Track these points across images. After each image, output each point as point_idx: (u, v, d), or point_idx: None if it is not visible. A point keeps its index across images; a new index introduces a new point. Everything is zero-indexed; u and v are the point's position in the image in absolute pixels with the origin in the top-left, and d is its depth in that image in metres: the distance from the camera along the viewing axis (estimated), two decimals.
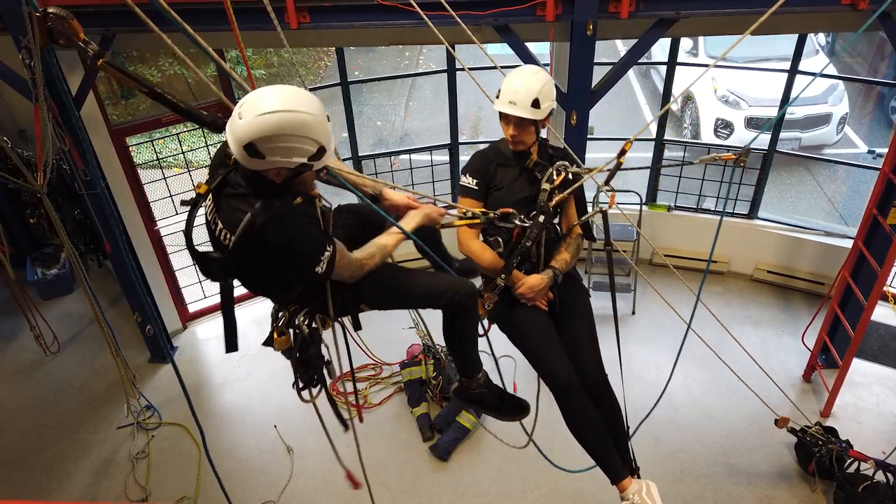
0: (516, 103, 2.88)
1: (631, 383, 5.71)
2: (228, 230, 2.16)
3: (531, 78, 2.90)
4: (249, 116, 1.98)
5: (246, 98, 2.03)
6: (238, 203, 2.15)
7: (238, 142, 2.00)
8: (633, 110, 11.25)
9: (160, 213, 6.64)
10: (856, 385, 5.86)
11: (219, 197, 2.20)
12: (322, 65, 13.43)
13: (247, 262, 2.24)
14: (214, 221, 2.22)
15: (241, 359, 6.57)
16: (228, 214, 2.17)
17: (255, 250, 2.16)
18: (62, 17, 1.91)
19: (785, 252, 7.00)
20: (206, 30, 4.64)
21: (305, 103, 2.03)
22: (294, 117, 1.99)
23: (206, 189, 2.20)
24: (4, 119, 6.93)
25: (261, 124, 1.97)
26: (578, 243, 3.25)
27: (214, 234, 2.24)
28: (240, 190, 2.16)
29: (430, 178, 7.36)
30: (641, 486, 2.91)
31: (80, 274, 5.43)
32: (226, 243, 2.18)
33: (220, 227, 2.19)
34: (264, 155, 2.01)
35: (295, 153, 2.04)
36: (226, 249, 2.18)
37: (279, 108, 1.98)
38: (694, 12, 4.55)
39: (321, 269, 2.24)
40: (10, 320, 7.05)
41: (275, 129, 1.98)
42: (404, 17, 4.31)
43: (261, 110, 1.97)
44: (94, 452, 5.77)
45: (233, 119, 2.04)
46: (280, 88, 2.05)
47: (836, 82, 9.50)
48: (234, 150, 2.03)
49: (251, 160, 2.03)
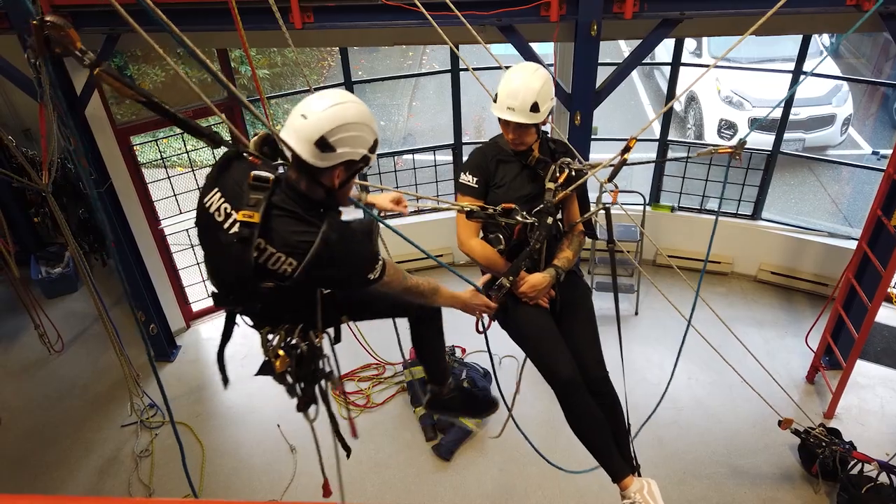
0: (515, 109, 2.83)
1: (634, 384, 5.72)
2: (289, 255, 2.10)
3: (529, 79, 2.85)
4: (316, 112, 2.05)
5: (302, 103, 2.10)
6: (296, 225, 2.11)
7: (308, 140, 2.05)
8: (637, 111, 11.24)
9: (164, 213, 6.66)
10: (859, 387, 5.84)
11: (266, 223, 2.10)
12: (325, 65, 13.44)
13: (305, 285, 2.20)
14: (259, 249, 2.11)
15: (245, 358, 6.55)
16: (287, 239, 2.11)
17: (323, 268, 2.14)
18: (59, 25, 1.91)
19: (789, 253, 6.99)
20: (210, 29, 4.71)
21: (355, 97, 2.16)
22: (354, 107, 2.11)
23: (259, 216, 2.07)
24: (9, 118, 6.95)
25: (331, 116, 2.05)
26: (580, 240, 3.23)
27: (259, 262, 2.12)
28: (294, 213, 2.12)
29: (433, 179, 7.36)
30: (643, 485, 2.91)
31: (85, 272, 5.45)
32: (282, 268, 2.12)
33: (272, 252, 2.11)
34: (335, 147, 2.07)
35: (360, 142, 2.12)
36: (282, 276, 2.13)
37: (342, 100, 2.10)
38: (698, 13, 4.54)
39: (374, 276, 2.29)
40: (14, 319, 7.07)
41: (342, 118, 2.06)
42: (409, 17, 4.31)
43: (325, 105, 2.07)
44: (97, 451, 5.79)
45: (294, 123, 2.08)
46: (330, 90, 2.18)
47: (841, 83, 9.49)
48: (304, 150, 2.05)
49: (323, 156, 2.06)
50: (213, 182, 2.22)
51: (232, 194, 2.15)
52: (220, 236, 2.14)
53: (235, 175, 2.17)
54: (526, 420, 5.76)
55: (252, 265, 2.09)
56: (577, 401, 2.94)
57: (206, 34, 4.97)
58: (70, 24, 1.94)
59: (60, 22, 1.91)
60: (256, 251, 2.10)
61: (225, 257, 2.15)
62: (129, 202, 6.07)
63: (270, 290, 2.17)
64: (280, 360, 2.48)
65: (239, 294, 2.26)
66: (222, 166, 2.23)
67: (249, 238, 2.07)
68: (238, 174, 2.16)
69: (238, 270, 2.12)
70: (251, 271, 2.10)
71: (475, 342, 6.15)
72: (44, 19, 1.90)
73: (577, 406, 2.95)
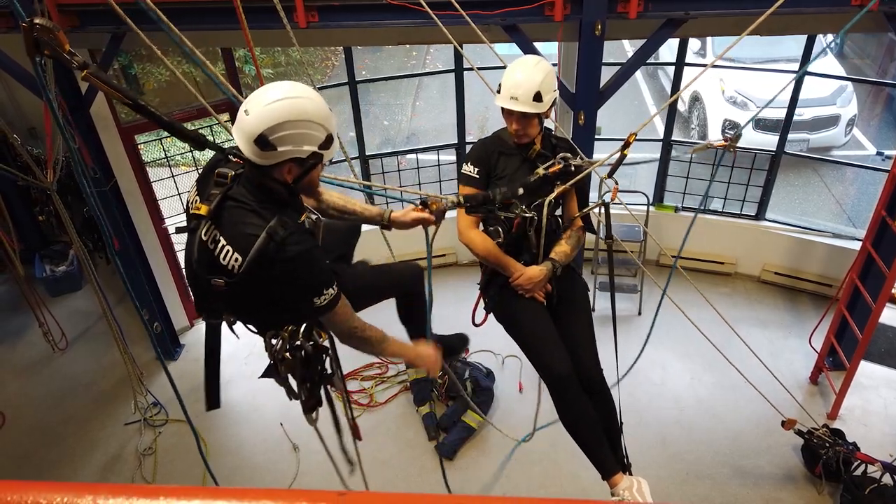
0: (518, 98, 2.86)
1: (637, 384, 5.74)
2: (235, 249, 2.08)
3: (532, 70, 2.89)
4: (256, 109, 2.00)
5: (248, 98, 2.05)
6: (248, 217, 2.08)
7: (248, 137, 2.00)
8: (641, 110, 11.23)
9: (168, 212, 6.68)
10: (863, 387, 5.83)
11: (219, 214, 2.11)
12: (329, 64, 13.46)
13: (255, 285, 2.12)
14: (214, 241, 2.11)
15: (248, 357, 6.59)
16: (235, 230, 2.09)
17: (269, 267, 2.07)
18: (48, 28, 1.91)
19: (792, 254, 6.98)
20: (216, 28, 4.72)
21: (308, 91, 2.07)
22: (299, 102, 2.02)
23: (208, 209, 2.09)
24: (14, 116, 6.97)
25: (269, 113, 1.98)
26: (579, 235, 3.24)
27: (213, 255, 2.11)
28: (247, 204, 2.10)
29: (436, 178, 7.37)
30: (632, 483, 2.91)
31: (89, 271, 5.46)
32: (230, 264, 2.09)
33: (223, 245, 2.09)
34: (276, 146, 2.00)
35: (305, 140, 2.05)
36: (230, 272, 2.09)
37: (284, 96, 2.01)
38: (703, 13, 4.53)
39: (321, 302, 2.17)
40: (18, 317, 7.09)
41: (283, 115, 1.98)
42: (413, 17, 4.31)
43: (267, 101, 2.00)
44: (101, 448, 5.81)
45: (239, 118, 2.04)
46: (280, 82, 2.09)
47: (845, 84, 9.46)
48: (245, 147, 2.03)
49: (264, 154, 2.01)
50: (197, 180, 2.25)
51: (200, 190, 2.18)
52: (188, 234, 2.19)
53: (208, 177, 2.20)
54: (529, 420, 5.77)
55: (198, 257, 2.11)
56: (570, 396, 2.94)
57: (211, 33, 4.99)
58: (59, 27, 1.94)
59: (49, 25, 1.90)
60: (211, 243, 2.11)
61: (187, 253, 2.19)
62: (134, 201, 6.10)
63: (222, 288, 2.12)
64: (286, 364, 2.45)
65: (196, 291, 2.26)
66: (207, 171, 2.23)
67: (195, 228, 2.11)
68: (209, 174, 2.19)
69: (189, 262, 2.15)
70: (198, 263, 2.12)
71: (478, 342, 6.18)
72: (33, 22, 1.89)
73: (570, 402, 2.96)
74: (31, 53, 1.92)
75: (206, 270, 2.13)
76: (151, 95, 10.04)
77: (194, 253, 2.13)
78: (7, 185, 6.91)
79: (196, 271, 2.15)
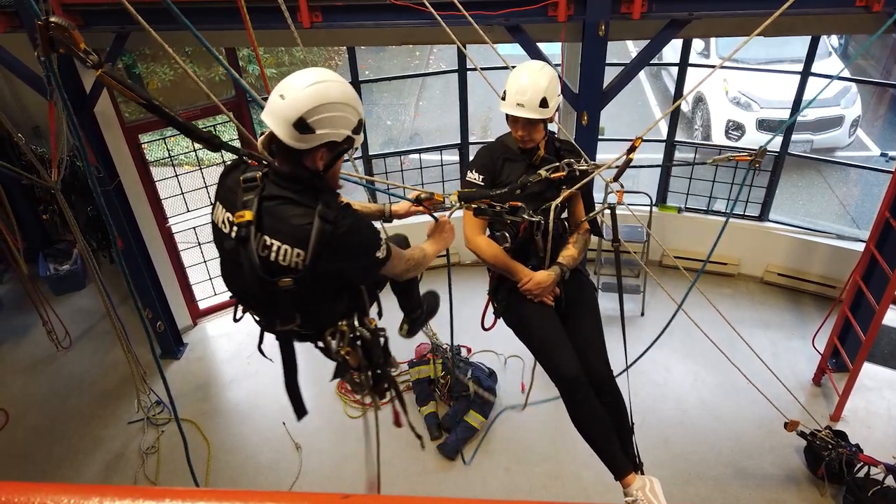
0: (524, 105, 2.86)
1: (639, 384, 5.74)
2: (294, 244, 2.05)
3: (537, 76, 2.88)
4: (293, 92, 1.99)
5: (282, 83, 2.04)
6: (292, 210, 2.05)
7: (286, 121, 1.99)
8: (644, 111, 11.22)
9: (172, 211, 6.69)
10: (866, 389, 5.82)
11: (259, 216, 2.06)
12: (333, 64, 13.46)
13: (321, 272, 2.10)
14: (265, 247, 2.07)
15: (251, 356, 6.60)
16: (284, 227, 2.05)
17: (331, 248, 2.06)
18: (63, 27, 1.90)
19: (796, 255, 6.97)
20: (220, 28, 4.73)
21: (338, 76, 2.10)
22: (335, 85, 2.04)
23: (253, 215, 2.04)
24: (19, 115, 6.99)
25: (309, 95, 1.98)
26: (586, 239, 3.24)
27: (269, 260, 2.08)
28: (286, 198, 2.07)
29: (439, 178, 7.37)
30: (645, 483, 2.90)
31: (93, 269, 5.48)
32: (292, 261, 2.06)
33: (277, 245, 2.06)
34: (314, 129, 2.00)
35: (341, 123, 2.06)
36: (295, 269, 2.07)
37: (321, 79, 2.02)
38: (706, 13, 4.54)
39: (383, 254, 2.24)
40: (22, 315, 7.11)
41: (322, 97, 2.00)
42: (416, 17, 4.32)
43: (304, 84, 2.00)
44: (104, 447, 5.82)
45: (273, 103, 2.02)
46: (311, 69, 2.09)
47: (850, 85, 9.44)
48: (282, 131, 2.00)
49: (302, 137, 2.00)
50: (217, 196, 2.21)
51: (229, 203, 2.14)
52: (227, 245, 2.12)
53: (230, 183, 2.16)
54: (533, 418, 5.78)
55: (259, 264, 2.05)
56: (581, 398, 2.95)
57: (215, 33, 4.99)
58: (74, 25, 1.94)
59: (65, 23, 1.90)
60: (263, 249, 2.07)
61: (237, 267, 2.12)
62: (138, 200, 6.11)
63: (290, 288, 2.08)
64: (352, 356, 2.45)
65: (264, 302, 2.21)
66: (226, 183, 2.20)
67: (247, 237, 2.05)
68: (232, 181, 2.15)
69: (251, 274, 2.07)
70: (261, 270, 2.06)
71: (481, 342, 6.19)
72: (48, 20, 1.89)
73: (581, 403, 2.96)
74: (47, 52, 1.92)
75: (272, 275, 2.08)
76: (155, 95, 9.99)
77: (254, 261, 2.06)
78: (11, 183, 6.93)
79: (259, 279, 2.08)
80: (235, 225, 2.07)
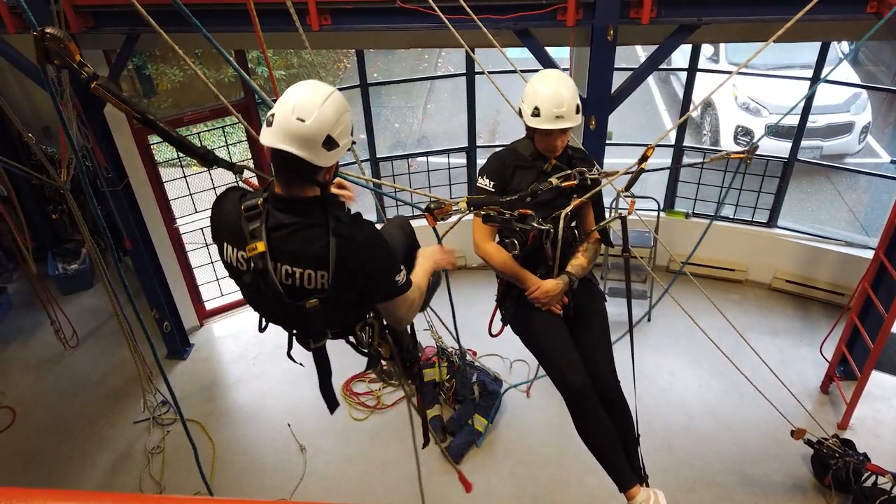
0: (564, 116, 2.87)
1: (644, 390, 5.71)
2: (317, 269, 2.06)
3: (565, 83, 2.90)
4: (314, 112, 1.96)
5: (288, 105, 1.97)
6: (305, 233, 2.06)
7: (314, 142, 1.96)
8: (653, 116, 11.20)
9: (180, 212, 6.72)
10: (874, 398, 5.78)
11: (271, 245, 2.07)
12: (342, 66, 13.51)
13: (345, 288, 2.12)
14: (288, 275, 2.09)
15: (257, 357, 6.62)
16: (304, 254, 2.06)
17: (351, 264, 2.08)
18: (59, 38, 1.89)
19: (804, 261, 6.93)
20: (230, 31, 4.75)
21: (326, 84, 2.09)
22: (339, 94, 2.06)
23: (264, 245, 2.04)
24: (29, 115, 7.04)
25: (330, 111, 1.99)
26: (595, 248, 3.23)
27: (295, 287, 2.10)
28: (297, 224, 2.06)
29: (446, 181, 7.37)
30: (650, 496, 2.89)
31: (100, 269, 5.51)
32: (318, 284, 2.09)
33: (300, 273, 2.08)
34: (339, 142, 2.02)
35: (349, 129, 2.09)
36: (321, 290, 2.09)
37: (328, 91, 2.02)
38: (716, 19, 4.52)
39: (402, 279, 2.22)
40: (30, 314, 7.15)
41: (340, 109, 2.02)
42: (425, 20, 4.32)
43: (320, 100, 1.99)
44: (110, 447, 5.84)
45: (292, 127, 1.95)
46: (302, 84, 2.07)
47: (860, 91, 9.39)
48: (310, 153, 1.96)
49: (330, 154, 2.01)
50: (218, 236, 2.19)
51: (235, 237, 2.12)
52: (246, 279, 2.13)
53: (230, 217, 2.13)
54: (537, 425, 5.77)
55: (282, 292, 2.09)
56: (587, 408, 2.93)
57: (225, 35, 5.01)
58: (70, 36, 1.94)
59: (60, 34, 1.88)
60: (286, 277, 2.09)
61: (263, 296, 2.15)
62: (146, 201, 6.14)
63: (317, 307, 2.11)
64: (384, 348, 2.53)
65: (297, 323, 2.25)
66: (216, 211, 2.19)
67: (265, 269, 2.06)
68: (231, 215, 2.12)
69: (279, 302, 2.11)
70: (288, 297, 2.09)
71: (487, 346, 6.18)
72: (44, 31, 1.87)
73: (587, 413, 2.94)
74: (42, 63, 1.91)
75: (297, 299, 2.11)
76: (164, 96, 10.11)
77: (277, 290, 2.08)
78: (21, 183, 6.98)
79: (287, 305, 2.12)
80: (249, 259, 2.07)
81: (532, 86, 2.94)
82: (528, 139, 3.09)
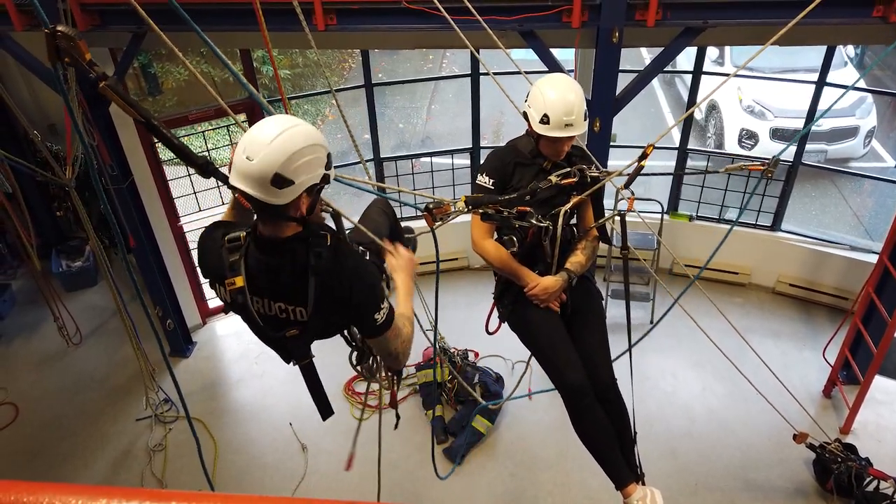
0: (573, 124, 2.87)
1: (647, 393, 5.71)
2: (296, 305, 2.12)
3: (574, 90, 2.90)
4: (261, 150, 1.91)
5: (244, 143, 1.95)
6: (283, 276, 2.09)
7: (262, 180, 1.91)
8: (657, 118, 11.18)
9: (184, 210, 6.73)
10: (877, 402, 5.76)
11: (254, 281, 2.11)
12: (346, 66, 13.52)
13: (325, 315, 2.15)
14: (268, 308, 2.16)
15: (259, 356, 6.63)
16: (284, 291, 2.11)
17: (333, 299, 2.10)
18: (70, 36, 1.88)
19: (808, 265, 6.91)
20: (235, 30, 4.76)
21: (293, 118, 2.03)
22: (297, 130, 1.96)
23: (243, 280, 2.09)
24: (35, 113, 7.06)
25: (278, 149, 1.90)
26: (594, 246, 3.24)
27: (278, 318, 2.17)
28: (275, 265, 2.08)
29: (450, 182, 7.38)
30: (646, 494, 2.90)
31: (104, 267, 5.52)
32: (298, 318, 2.14)
33: (283, 307, 2.14)
34: (293, 179, 1.93)
35: (316, 165, 2.00)
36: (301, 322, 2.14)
37: (284, 128, 1.93)
38: (721, 21, 4.51)
39: (381, 317, 2.18)
40: (34, 311, 7.18)
41: (291, 146, 1.92)
42: (430, 21, 4.33)
43: (268, 139, 1.91)
44: (112, 444, 5.86)
45: (241, 166, 1.93)
46: (265, 120, 2.02)
47: (865, 95, 9.37)
48: (260, 192, 1.93)
49: (282, 192, 1.93)
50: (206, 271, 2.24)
51: (217, 271, 2.17)
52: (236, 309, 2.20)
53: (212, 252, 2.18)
54: (538, 425, 5.76)
55: (264, 325, 2.17)
56: (585, 406, 2.94)
57: (230, 34, 5.03)
58: (80, 35, 1.94)
59: (71, 33, 1.88)
60: (269, 311, 2.16)
61: (252, 323, 2.22)
62: (150, 198, 6.15)
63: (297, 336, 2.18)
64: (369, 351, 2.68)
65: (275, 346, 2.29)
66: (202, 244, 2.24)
67: (244, 303, 2.12)
68: (213, 251, 2.17)
69: (266, 329, 2.19)
70: (268, 328, 2.17)
71: (488, 346, 6.17)
72: (55, 28, 1.87)
73: (584, 412, 2.95)
74: (53, 61, 1.91)
75: (277, 330, 2.18)
76: (170, 94, 10.14)
77: (258, 322, 2.18)
78: (26, 180, 6.99)
79: (268, 335, 2.21)
80: (229, 293, 2.12)
81: (540, 91, 2.92)
82: (528, 137, 3.09)
